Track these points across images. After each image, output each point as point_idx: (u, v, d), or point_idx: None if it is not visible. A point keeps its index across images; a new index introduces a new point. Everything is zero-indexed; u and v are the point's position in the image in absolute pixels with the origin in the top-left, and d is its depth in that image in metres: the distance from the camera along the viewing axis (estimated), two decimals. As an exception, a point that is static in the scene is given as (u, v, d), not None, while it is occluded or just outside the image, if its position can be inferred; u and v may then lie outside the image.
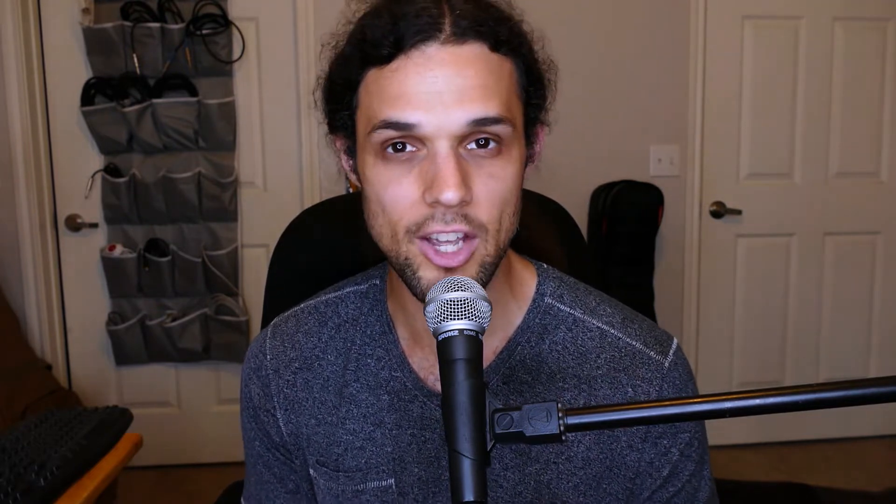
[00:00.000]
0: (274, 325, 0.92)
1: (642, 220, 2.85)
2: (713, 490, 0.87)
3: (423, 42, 0.69)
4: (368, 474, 0.85)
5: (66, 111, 2.70)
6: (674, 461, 0.82)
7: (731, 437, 3.00)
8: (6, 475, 1.25)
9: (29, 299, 2.70)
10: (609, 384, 0.82)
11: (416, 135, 0.69)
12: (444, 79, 0.68)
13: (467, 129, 0.69)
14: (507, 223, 0.73)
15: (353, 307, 0.89)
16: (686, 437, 0.83)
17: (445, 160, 0.69)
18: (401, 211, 0.71)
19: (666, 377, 0.82)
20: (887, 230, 3.06)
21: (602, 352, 0.83)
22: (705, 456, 0.85)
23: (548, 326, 0.84)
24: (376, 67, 0.71)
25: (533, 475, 0.82)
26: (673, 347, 0.84)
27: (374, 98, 0.71)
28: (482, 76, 0.70)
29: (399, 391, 0.84)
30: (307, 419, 0.88)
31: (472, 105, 0.69)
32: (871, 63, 2.95)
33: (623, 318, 0.85)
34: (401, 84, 0.69)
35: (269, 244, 2.72)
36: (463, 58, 0.69)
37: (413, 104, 0.69)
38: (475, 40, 0.70)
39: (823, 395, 0.55)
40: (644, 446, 0.82)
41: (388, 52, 0.70)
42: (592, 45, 2.82)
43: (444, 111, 0.68)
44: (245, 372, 0.92)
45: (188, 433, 2.88)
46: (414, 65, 0.69)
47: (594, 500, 0.82)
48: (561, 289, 0.86)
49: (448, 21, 0.70)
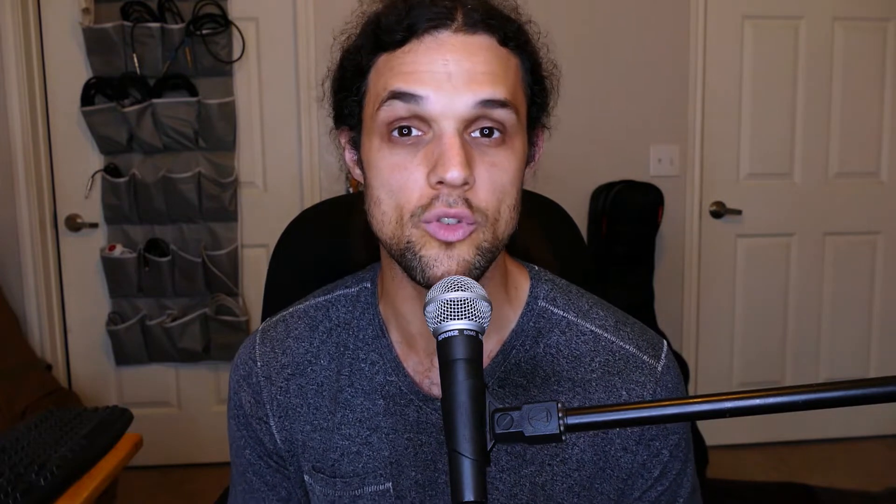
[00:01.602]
0: (262, 330, 0.92)
1: (642, 220, 2.85)
2: (695, 485, 0.88)
3: (435, 28, 0.72)
4: (365, 479, 0.84)
5: (66, 111, 2.70)
6: (664, 462, 0.83)
7: (731, 437, 3.00)
8: (6, 475, 1.25)
9: (29, 299, 2.70)
10: (603, 388, 0.82)
11: (422, 113, 0.71)
12: (454, 62, 0.71)
13: (474, 112, 0.71)
14: (506, 215, 0.74)
15: (345, 311, 0.89)
16: (675, 439, 0.84)
17: (451, 140, 0.70)
18: (407, 194, 0.72)
19: (659, 381, 0.83)
20: (887, 230, 3.06)
21: (596, 355, 0.83)
22: (690, 454, 0.87)
23: (542, 330, 0.84)
24: (388, 52, 0.73)
25: (528, 477, 0.82)
26: (664, 351, 0.85)
27: (384, 76, 0.73)
28: (491, 63, 0.72)
29: (394, 395, 0.84)
30: (302, 425, 0.87)
31: (479, 87, 0.71)
32: (871, 63, 2.95)
33: (616, 322, 0.86)
34: (412, 62, 0.71)
35: (269, 244, 2.73)
36: (473, 45, 0.72)
37: (423, 81, 0.70)
38: (485, 32, 0.73)
39: (823, 395, 0.55)
40: (638, 448, 0.82)
41: (401, 36, 0.72)
42: (592, 45, 2.82)
43: (453, 90, 0.70)
44: (234, 380, 0.91)
45: (188, 433, 2.88)
46: (426, 48, 0.71)
47: (587, 501, 0.83)
48: (554, 292, 0.86)
49: (460, 12, 0.73)
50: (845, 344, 3.10)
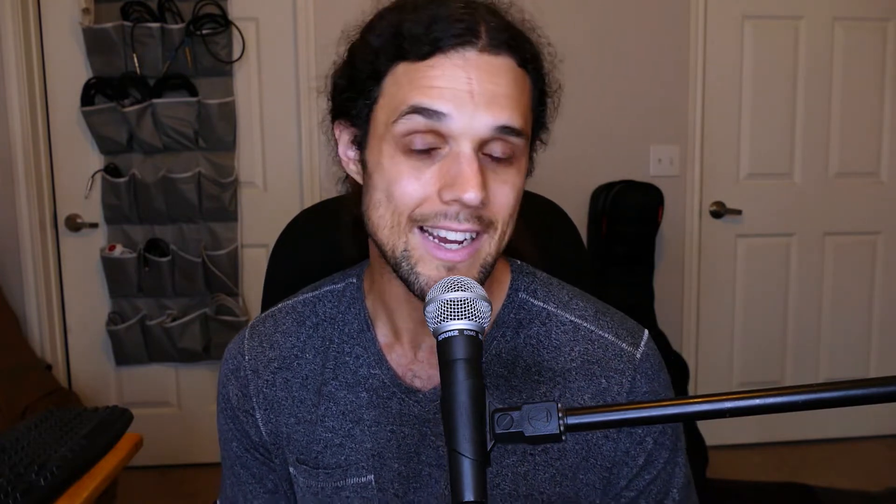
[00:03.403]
0: (251, 326, 0.94)
1: (642, 220, 2.85)
2: (689, 477, 0.88)
3: (461, 45, 0.72)
4: (348, 471, 0.86)
5: (66, 111, 2.70)
6: (649, 449, 0.83)
7: (731, 437, 3.00)
8: (6, 475, 1.25)
9: (29, 299, 2.70)
10: (583, 376, 0.83)
11: (441, 130, 0.71)
12: (478, 82, 0.71)
13: (491, 135, 0.72)
14: (510, 228, 0.77)
15: (331, 306, 0.90)
16: (659, 426, 0.84)
17: (470, 161, 0.71)
18: (411, 203, 0.73)
19: (638, 368, 0.83)
20: (887, 230, 3.06)
21: (576, 345, 0.84)
22: (679, 443, 0.87)
23: (522, 321, 0.85)
24: (408, 62, 0.73)
25: (510, 467, 0.83)
26: (644, 338, 0.85)
27: (405, 87, 0.73)
28: (511, 87, 0.73)
29: (377, 388, 0.85)
30: (286, 418, 0.89)
31: (500, 111, 0.72)
32: (871, 63, 2.95)
33: (595, 312, 0.86)
34: (436, 77, 0.72)
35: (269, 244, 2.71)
36: (497, 67, 0.73)
37: (445, 97, 0.71)
38: (507, 53, 0.74)
39: (823, 395, 0.55)
40: (619, 436, 0.83)
41: (428, 49, 0.72)
42: (593, 44, 2.82)
43: (474, 110, 0.71)
44: (222, 373, 0.93)
45: (188, 433, 2.88)
46: (452, 64, 0.72)
47: (571, 491, 0.83)
48: (534, 284, 0.88)
49: (484, 30, 0.73)
50: (845, 344, 3.10)
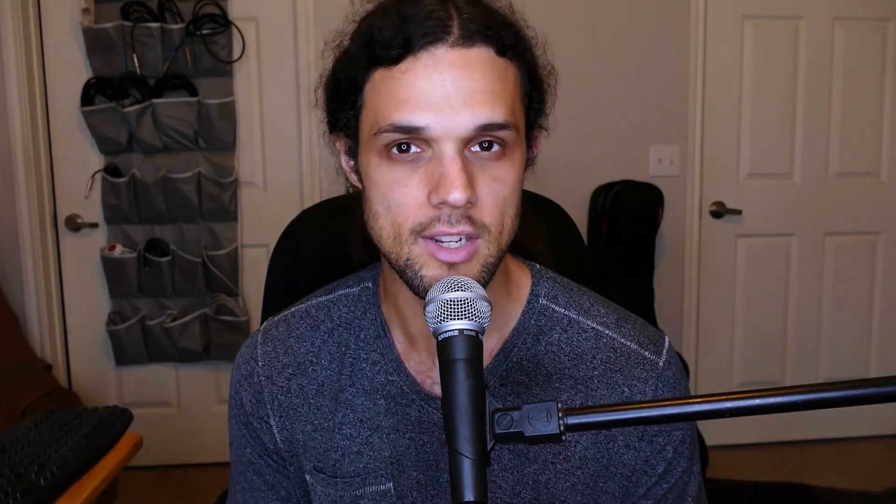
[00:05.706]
0: (264, 330, 0.92)
1: (642, 220, 2.85)
2: (701, 484, 0.88)
3: (431, 44, 0.69)
4: (367, 479, 0.84)
5: (66, 111, 2.70)
6: (668, 458, 0.83)
7: (731, 437, 3.00)
8: (6, 475, 1.25)
9: (29, 299, 2.70)
10: (605, 385, 0.82)
11: (423, 137, 0.70)
12: (452, 81, 0.69)
13: (473, 133, 0.70)
14: (508, 225, 0.74)
15: (346, 310, 0.89)
16: (679, 435, 0.83)
17: (452, 161, 0.69)
18: (406, 213, 0.72)
19: (661, 376, 0.82)
20: (887, 230, 3.06)
21: (598, 352, 0.83)
22: (695, 452, 0.86)
23: (543, 328, 0.84)
24: (384, 68, 0.71)
25: (531, 475, 0.82)
26: (666, 346, 0.85)
27: (382, 99, 0.71)
28: (489, 80, 0.70)
29: (396, 395, 0.84)
30: (303, 425, 0.87)
31: (479, 109, 0.69)
32: (871, 63, 2.95)
33: (617, 319, 0.85)
34: (409, 86, 0.69)
35: (269, 244, 2.71)
36: (471, 60, 0.70)
37: (422, 107, 0.69)
38: (482, 44, 0.71)
39: (823, 395, 0.55)
40: (640, 445, 0.82)
41: (398, 52, 0.70)
42: (592, 45, 2.82)
43: (452, 113, 0.69)
44: (235, 379, 0.91)
45: (188, 433, 2.88)
46: (423, 66, 0.69)
47: (591, 499, 0.83)
48: (555, 290, 0.86)
49: (456, 24, 0.70)
50: (845, 344, 3.10)
